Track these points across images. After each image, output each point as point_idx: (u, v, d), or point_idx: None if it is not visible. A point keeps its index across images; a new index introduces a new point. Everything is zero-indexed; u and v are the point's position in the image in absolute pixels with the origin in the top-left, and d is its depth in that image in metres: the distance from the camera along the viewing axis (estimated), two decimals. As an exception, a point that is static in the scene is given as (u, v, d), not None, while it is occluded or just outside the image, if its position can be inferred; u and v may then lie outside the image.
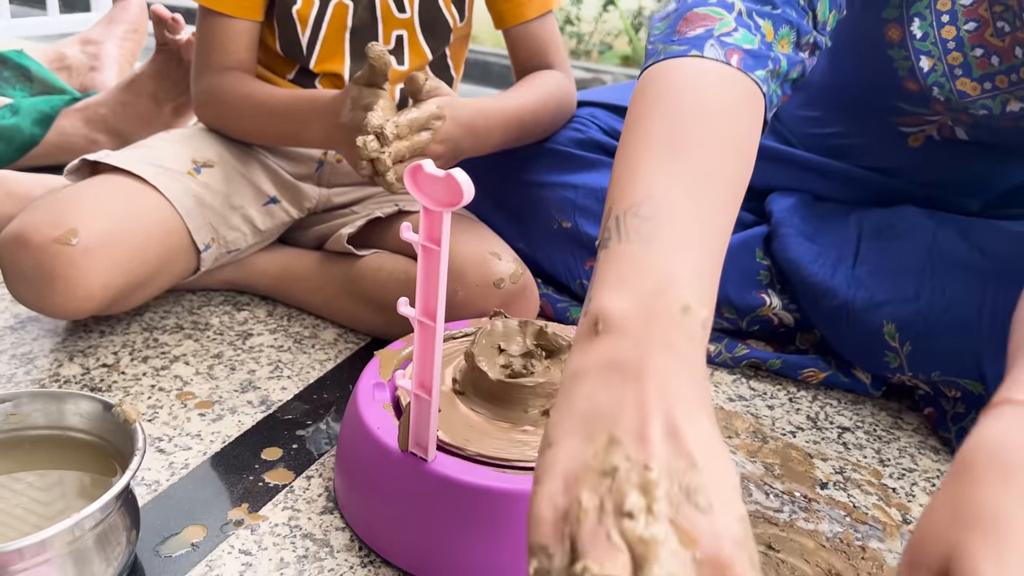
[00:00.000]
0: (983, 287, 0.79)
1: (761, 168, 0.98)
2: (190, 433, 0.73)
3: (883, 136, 0.90)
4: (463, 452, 0.59)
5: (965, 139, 0.85)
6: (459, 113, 0.79)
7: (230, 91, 0.88)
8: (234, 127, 0.91)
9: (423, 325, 0.54)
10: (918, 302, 0.82)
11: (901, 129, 0.88)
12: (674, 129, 0.52)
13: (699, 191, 0.49)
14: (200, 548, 0.60)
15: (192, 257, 0.87)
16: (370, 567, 0.59)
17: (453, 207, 0.49)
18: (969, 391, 0.80)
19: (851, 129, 0.93)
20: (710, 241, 0.48)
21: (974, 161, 0.88)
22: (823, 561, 0.64)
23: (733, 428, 0.81)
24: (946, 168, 0.89)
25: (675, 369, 0.41)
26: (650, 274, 0.44)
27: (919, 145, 0.88)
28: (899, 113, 0.86)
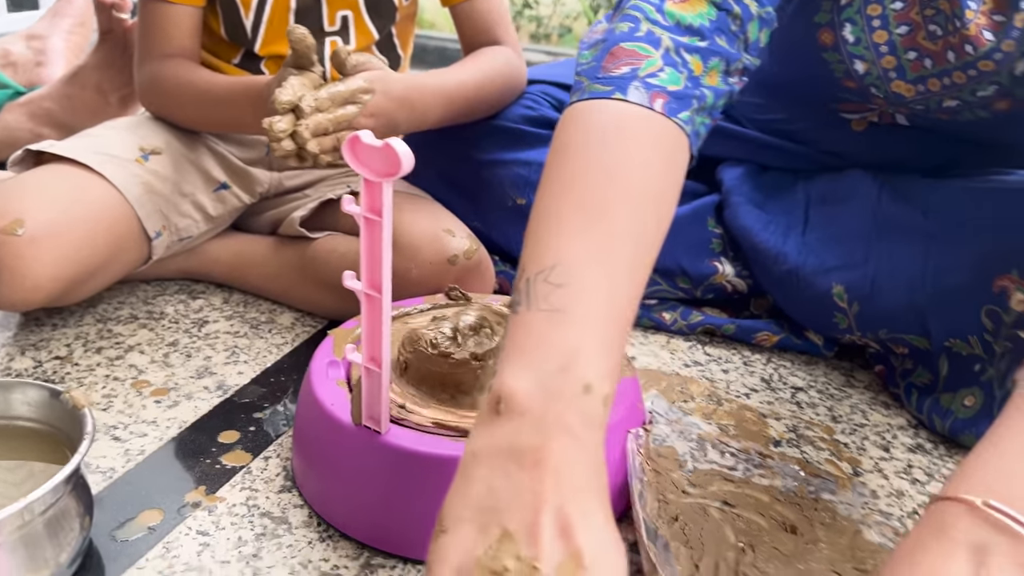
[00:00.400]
0: (926, 246, 0.81)
1: (711, 142, 0.99)
2: (146, 420, 0.72)
3: (827, 122, 0.91)
4: (416, 423, 0.59)
5: (906, 124, 0.86)
6: (391, 87, 0.78)
7: (171, 79, 0.87)
8: (177, 115, 0.90)
9: (370, 298, 0.54)
10: (866, 265, 0.84)
11: (844, 115, 0.89)
12: (591, 188, 0.51)
13: (612, 257, 0.48)
14: (157, 531, 0.60)
15: (143, 245, 0.86)
16: (328, 542, 0.60)
17: (392, 177, 0.49)
18: (916, 347, 0.81)
19: (795, 115, 0.94)
20: (618, 309, 0.47)
21: (918, 142, 0.89)
22: (777, 514, 0.65)
23: (688, 392, 0.82)
24: (890, 148, 0.91)
25: (572, 458, 0.41)
26: (554, 350, 0.44)
27: (863, 129, 0.90)
28: (841, 101, 0.87)
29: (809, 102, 0.90)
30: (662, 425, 0.75)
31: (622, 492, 0.63)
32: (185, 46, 0.89)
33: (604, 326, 0.46)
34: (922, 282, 0.80)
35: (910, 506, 0.68)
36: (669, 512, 0.64)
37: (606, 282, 0.47)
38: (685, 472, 0.69)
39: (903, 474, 0.72)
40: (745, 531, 0.63)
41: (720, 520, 0.64)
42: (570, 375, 0.43)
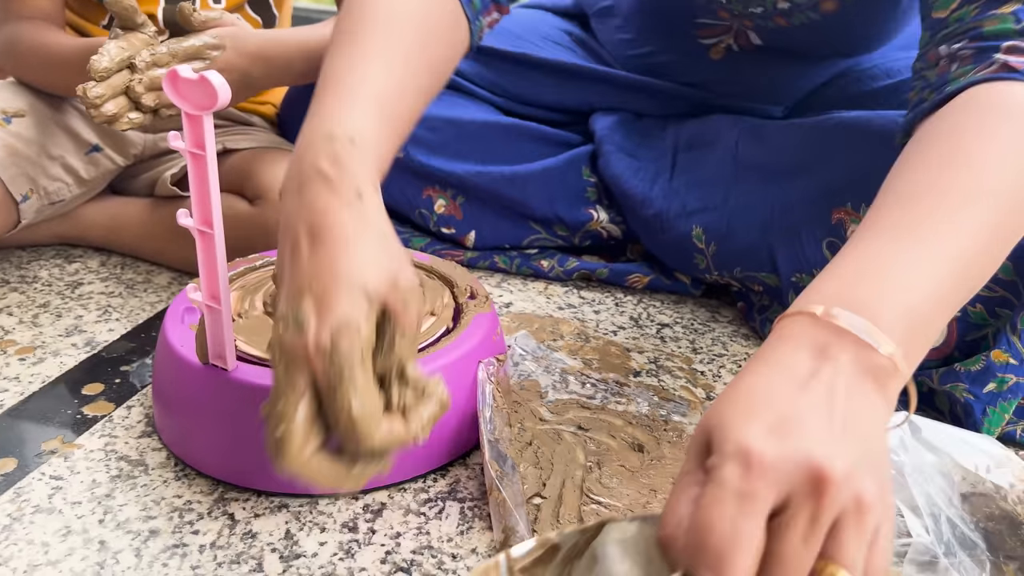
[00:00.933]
0: (776, 186, 0.84)
1: (582, 89, 1.02)
2: (7, 377, 0.72)
3: (688, 52, 0.95)
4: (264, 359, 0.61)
5: (760, 43, 0.90)
6: (244, 43, 0.79)
7: (25, 42, 0.85)
8: (32, 79, 0.89)
9: (203, 234, 0.55)
10: (724, 207, 0.87)
11: (702, 42, 0.93)
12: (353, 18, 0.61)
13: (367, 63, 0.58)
14: (9, 477, 0.60)
15: (10, 209, 0.85)
16: (184, 480, 0.61)
17: (210, 109, 0.50)
18: (769, 284, 0.85)
19: (660, 47, 0.97)
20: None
21: (770, 67, 0.94)
22: (628, 436, 0.68)
23: (559, 332, 0.85)
24: (747, 77, 0.95)
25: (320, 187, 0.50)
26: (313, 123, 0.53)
27: (720, 57, 0.93)
28: (698, 28, 0.91)
29: (671, 30, 0.94)
30: (528, 362, 0.78)
31: (475, 420, 0.65)
32: (43, 8, 0.87)
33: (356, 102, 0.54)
34: (770, 221, 0.83)
35: (756, 424, 0.72)
36: (524, 438, 0.66)
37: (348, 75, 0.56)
38: (545, 402, 0.72)
39: (754, 396, 0.76)
40: (595, 452, 0.66)
41: (572, 443, 0.67)
42: (318, 131, 0.52)
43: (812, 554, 0.36)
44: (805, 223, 0.80)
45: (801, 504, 0.36)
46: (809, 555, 0.36)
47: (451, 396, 0.50)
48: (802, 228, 0.81)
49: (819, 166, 0.81)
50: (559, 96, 1.04)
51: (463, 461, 0.65)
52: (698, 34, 0.92)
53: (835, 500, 0.36)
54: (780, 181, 0.84)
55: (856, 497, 0.36)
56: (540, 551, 0.44)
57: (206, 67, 0.76)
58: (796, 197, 0.82)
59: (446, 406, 0.49)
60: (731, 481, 0.36)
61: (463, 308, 0.71)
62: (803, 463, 0.36)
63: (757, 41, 0.90)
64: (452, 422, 0.63)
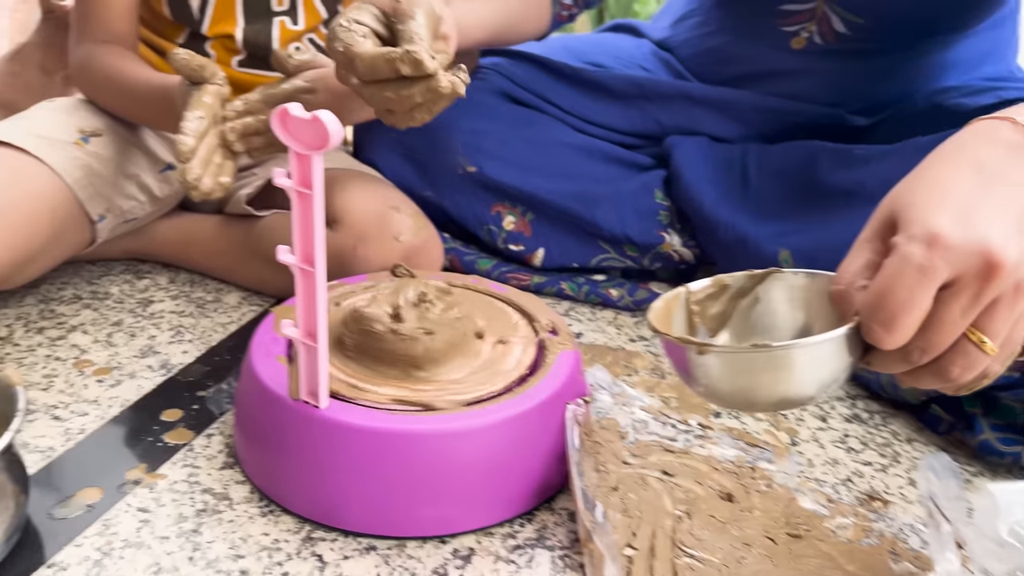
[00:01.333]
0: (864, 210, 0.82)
1: (655, 109, 1.01)
2: (87, 399, 0.72)
3: (769, 41, 0.96)
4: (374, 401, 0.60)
5: (842, 31, 0.90)
6: (336, 83, 0.78)
7: (98, 68, 0.85)
8: (104, 105, 0.88)
9: (304, 272, 0.54)
10: (811, 230, 0.86)
11: (784, 30, 0.94)
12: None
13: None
14: (96, 508, 0.59)
15: (86, 228, 0.85)
16: (269, 516, 0.60)
17: (321, 149, 0.49)
18: None
19: (740, 35, 0.99)
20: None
21: (851, 62, 0.94)
22: (715, 483, 0.67)
23: (633, 366, 0.83)
24: (828, 74, 0.95)
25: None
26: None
27: (802, 48, 0.94)
28: (781, 16, 0.93)
29: (754, 14, 0.96)
30: (605, 398, 0.76)
31: (564, 462, 0.64)
32: (118, 30, 0.87)
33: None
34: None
35: (844, 473, 0.70)
36: (609, 482, 0.65)
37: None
38: (626, 443, 0.71)
39: (839, 443, 0.74)
40: (683, 499, 0.64)
41: (659, 489, 0.65)
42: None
43: (967, 322, 0.44)
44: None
45: (969, 283, 0.43)
46: (964, 322, 0.44)
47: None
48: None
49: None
50: (629, 121, 1.03)
51: (548, 505, 0.64)
52: (780, 23, 0.93)
53: (998, 285, 0.43)
54: (868, 205, 0.82)
55: (1017, 283, 0.43)
56: (712, 289, 0.55)
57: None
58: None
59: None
60: (915, 256, 0.43)
61: (545, 344, 0.69)
62: (980, 250, 0.42)
63: (840, 27, 0.90)
64: (538, 467, 0.62)
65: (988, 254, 0.42)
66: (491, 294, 0.77)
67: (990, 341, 0.44)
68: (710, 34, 1.02)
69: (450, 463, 0.58)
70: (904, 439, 0.76)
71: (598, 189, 0.96)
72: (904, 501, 0.67)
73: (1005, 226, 0.43)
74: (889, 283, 0.44)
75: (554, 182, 0.97)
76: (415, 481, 0.58)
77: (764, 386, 0.47)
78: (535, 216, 0.98)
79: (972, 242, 0.43)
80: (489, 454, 0.59)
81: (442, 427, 0.58)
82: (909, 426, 0.78)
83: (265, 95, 0.74)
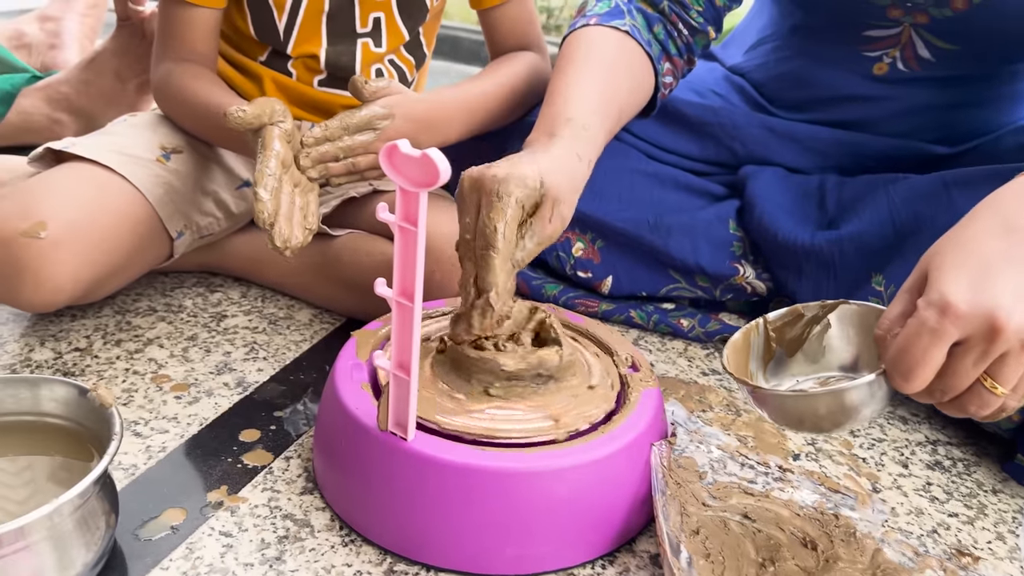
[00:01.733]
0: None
1: (728, 138, 1.00)
2: (166, 416, 0.72)
3: (850, 66, 0.95)
4: (441, 429, 0.59)
5: (927, 57, 0.89)
6: (411, 109, 0.78)
7: (175, 86, 0.85)
8: (179, 123, 0.89)
9: (401, 306, 0.54)
10: (901, 248, 0.85)
11: (866, 55, 0.93)
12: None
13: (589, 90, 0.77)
14: (180, 531, 0.60)
15: (165, 244, 0.85)
16: (351, 546, 0.60)
17: (429, 187, 0.49)
18: None
19: (821, 61, 0.97)
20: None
21: (933, 94, 0.92)
22: (798, 529, 0.65)
23: (707, 402, 0.82)
24: (906, 104, 0.94)
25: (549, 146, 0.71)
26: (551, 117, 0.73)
27: (883, 74, 0.93)
28: (864, 42, 0.92)
29: (837, 40, 0.95)
30: (681, 434, 0.75)
31: (646, 503, 0.63)
32: (199, 49, 0.87)
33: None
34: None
35: (929, 524, 0.68)
36: (690, 525, 0.64)
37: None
38: (705, 484, 0.69)
39: (922, 492, 0.72)
40: (765, 546, 0.63)
41: (741, 534, 0.64)
42: (558, 118, 0.73)
43: (978, 372, 0.52)
44: None
45: (977, 343, 0.51)
46: (976, 372, 0.52)
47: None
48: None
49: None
50: (703, 149, 1.02)
51: (630, 547, 0.63)
52: (862, 48, 0.92)
53: (1003, 344, 0.50)
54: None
55: (1022, 340, 0.50)
56: (789, 317, 0.64)
57: (377, 136, 0.76)
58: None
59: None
60: (930, 321, 0.51)
61: (626, 380, 0.69)
62: (986, 316, 0.50)
63: (925, 54, 0.89)
64: (622, 508, 0.61)
65: (993, 320, 0.49)
66: (567, 324, 0.76)
67: (1001, 387, 0.52)
68: (787, 59, 1.01)
69: (536, 502, 0.58)
70: (989, 490, 0.74)
71: (671, 218, 0.95)
72: (995, 557, 0.65)
73: (1020, 291, 0.50)
74: (907, 342, 0.52)
75: (625, 210, 0.96)
76: (499, 519, 0.58)
77: (811, 418, 0.58)
78: (604, 243, 0.97)
79: (979, 309, 0.50)
80: (575, 495, 0.59)
81: (529, 466, 0.57)
82: (993, 476, 0.76)
83: (344, 123, 0.74)
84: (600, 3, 0.86)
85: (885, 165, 0.96)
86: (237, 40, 0.94)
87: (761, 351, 0.65)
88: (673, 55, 0.89)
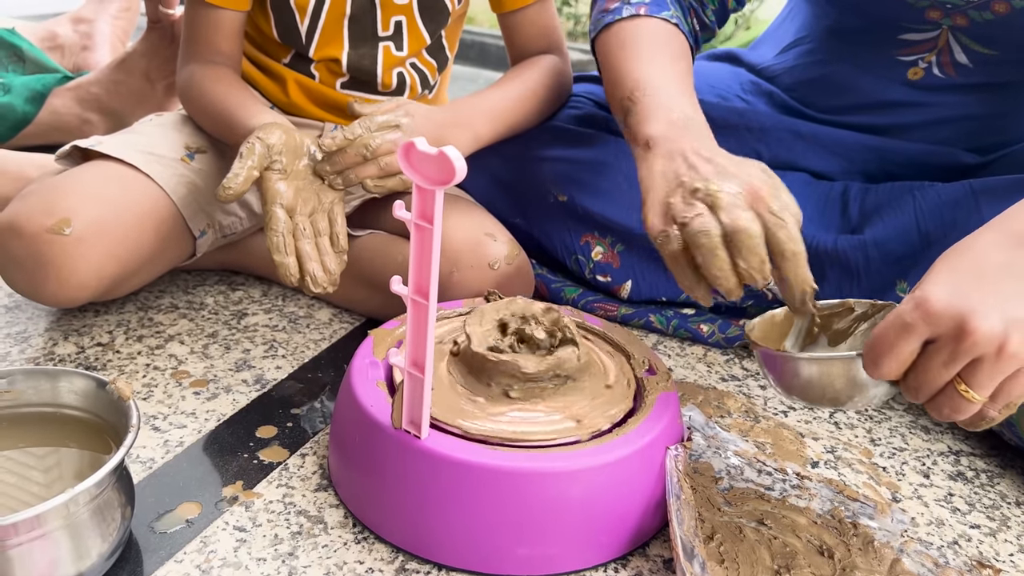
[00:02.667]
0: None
1: (756, 140, 1.00)
2: (185, 411, 0.73)
3: (884, 71, 0.94)
4: (456, 429, 0.59)
5: (963, 62, 0.88)
6: (430, 111, 0.79)
7: (197, 89, 0.86)
8: (202, 125, 0.90)
9: (416, 303, 0.54)
10: (918, 266, 0.84)
11: (901, 59, 0.92)
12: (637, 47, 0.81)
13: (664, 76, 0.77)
14: (195, 524, 0.60)
15: (188, 243, 0.86)
16: (363, 543, 0.60)
17: (445, 185, 0.49)
18: None
19: (854, 65, 0.96)
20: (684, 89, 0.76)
21: (969, 100, 0.91)
22: (814, 537, 0.64)
23: (726, 408, 0.81)
24: (941, 110, 0.93)
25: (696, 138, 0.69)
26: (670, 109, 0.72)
27: (918, 79, 0.92)
28: (899, 46, 0.91)
29: (872, 44, 0.94)
30: (699, 439, 0.75)
31: (660, 507, 0.62)
32: (224, 50, 0.89)
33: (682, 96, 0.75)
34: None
35: (950, 536, 0.67)
36: (705, 530, 0.63)
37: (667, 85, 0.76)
38: (721, 489, 0.69)
39: (943, 502, 0.71)
40: (781, 553, 0.62)
41: (756, 540, 0.63)
42: (673, 113, 0.72)
43: (949, 373, 0.51)
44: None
45: (946, 343, 0.51)
46: (947, 373, 0.51)
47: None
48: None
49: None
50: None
51: (643, 551, 0.62)
52: (898, 53, 0.91)
53: (973, 348, 0.49)
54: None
55: (1000, 348, 0.49)
56: (839, 308, 0.65)
57: (403, 134, 0.76)
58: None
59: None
60: (904, 315, 0.52)
61: (643, 384, 0.68)
62: (957, 317, 0.50)
63: (962, 59, 0.88)
64: (636, 511, 0.61)
65: (963, 322, 0.49)
66: (585, 327, 0.76)
67: (974, 392, 0.51)
68: (820, 62, 1.00)
69: (549, 503, 0.57)
70: (1013, 502, 0.72)
71: None
72: (1016, 570, 0.64)
73: (1003, 301, 0.50)
74: (881, 331, 0.53)
75: None
76: (512, 518, 0.57)
77: (816, 388, 0.59)
78: (624, 247, 0.97)
79: (951, 310, 0.50)
80: (588, 496, 0.58)
81: (542, 466, 0.57)
82: (1017, 488, 0.74)
83: (365, 124, 0.75)
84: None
85: (911, 172, 0.95)
86: (261, 42, 0.95)
87: (803, 332, 0.67)
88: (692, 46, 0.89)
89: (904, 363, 0.53)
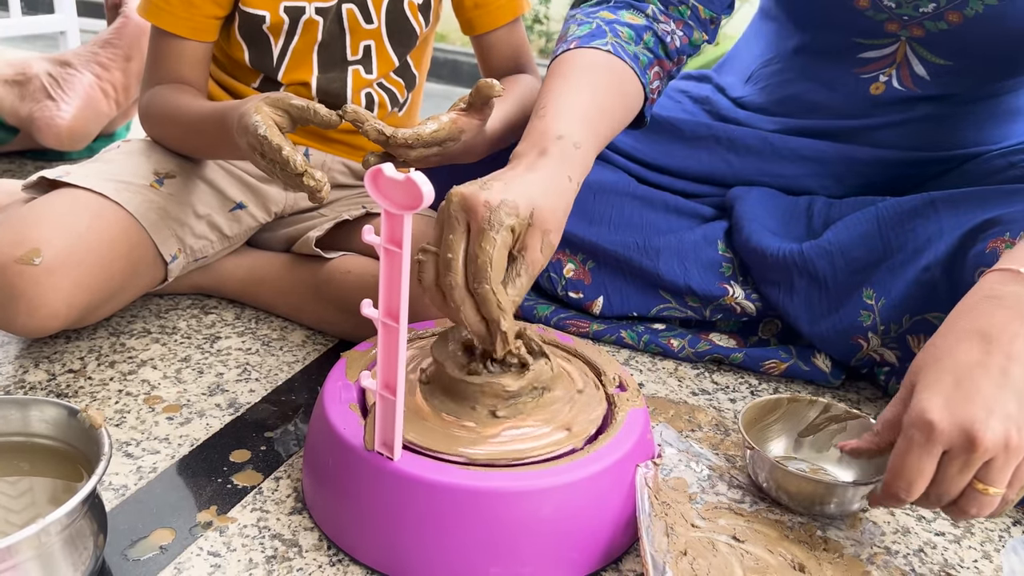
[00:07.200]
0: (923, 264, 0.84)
1: (726, 151, 1.02)
2: (158, 437, 0.73)
3: (847, 89, 0.97)
4: (428, 451, 0.60)
5: (922, 74, 0.92)
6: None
7: (159, 105, 0.86)
8: (166, 141, 0.90)
9: (386, 326, 0.55)
10: (888, 261, 0.86)
11: (862, 77, 0.95)
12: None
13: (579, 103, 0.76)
14: (168, 551, 0.60)
15: (159, 268, 0.86)
16: (339, 566, 0.60)
17: (413, 210, 0.50)
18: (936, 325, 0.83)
19: (819, 83, 0.99)
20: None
21: (929, 112, 0.95)
22: (786, 551, 0.65)
23: (696, 421, 0.82)
24: (904, 124, 0.96)
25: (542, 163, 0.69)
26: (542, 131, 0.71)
27: (880, 93, 0.95)
28: (860, 64, 0.95)
29: (834, 62, 0.97)
30: (671, 454, 0.76)
31: (631, 523, 0.63)
32: (189, 78, 0.88)
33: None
34: (945, 259, 0.83)
35: (916, 544, 0.68)
36: (677, 546, 0.64)
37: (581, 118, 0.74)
38: (694, 504, 0.70)
39: (909, 511, 0.72)
40: (754, 568, 0.63)
41: (728, 555, 0.64)
42: (548, 134, 0.71)
43: (966, 478, 0.56)
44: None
45: (958, 454, 0.56)
46: (964, 478, 0.56)
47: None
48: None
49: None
50: (698, 162, 1.04)
51: (616, 567, 0.63)
52: (860, 70, 0.95)
53: (983, 453, 0.55)
54: (927, 258, 0.84)
55: (1006, 446, 0.55)
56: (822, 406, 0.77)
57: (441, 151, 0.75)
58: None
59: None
60: (917, 439, 0.57)
61: (613, 400, 0.69)
62: (963, 431, 0.55)
63: (920, 70, 0.91)
64: (607, 528, 0.62)
65: (970, 434, 0.55)
66: (557, 344, 0.77)
67: (993, 488, 0.56)
68: (787, 82, 1.03)
69: (521, 522, 0.58)
70: (977, 510, 0.74)
71: (660, 240, 0.96)
72: (981, 577, 0.65)
73: (992, 402, 0.55)
74: (902, 459, 0.58)
75: (615, 232, 0.97)
76: (485, 539, 0.58)
77: (792, 494, 0.70)
78: (595, 264, 0.98)
79: (957, 426, 0.55)
80: (559, 515, 0.59)
81: (514, 485, 0.58)
82: (982, 496, 0.76)
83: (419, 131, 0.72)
84: (581, 26, 0.85)
85: (879, 171, 0.97)
86: (230, 67, 0.95)
87: (804, 426, 0.77)
88: (662, 58, 0.88)
89: (930, 477, 0.57)
